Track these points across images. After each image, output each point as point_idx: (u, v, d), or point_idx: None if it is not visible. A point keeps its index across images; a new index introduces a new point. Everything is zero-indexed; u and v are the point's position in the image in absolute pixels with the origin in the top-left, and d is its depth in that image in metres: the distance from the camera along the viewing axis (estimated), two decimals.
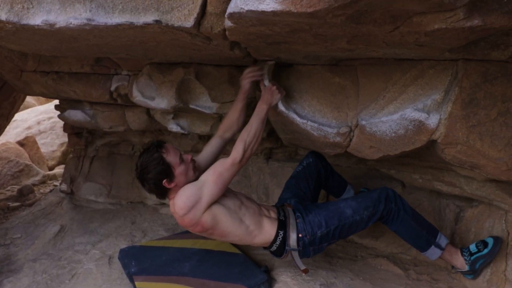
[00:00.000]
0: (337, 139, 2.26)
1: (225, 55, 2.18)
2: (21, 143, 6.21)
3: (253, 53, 2.14)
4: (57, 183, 5.42)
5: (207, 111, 2.68)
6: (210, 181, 2.11)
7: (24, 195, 4.87)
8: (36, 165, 5.77)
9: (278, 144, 3.36)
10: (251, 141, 2.12)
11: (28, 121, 7.39)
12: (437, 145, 2.02)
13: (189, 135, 3.62)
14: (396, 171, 2.81)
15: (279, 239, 2.25)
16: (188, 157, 2.23)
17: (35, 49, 2.29)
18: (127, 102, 3.19)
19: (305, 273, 2.33)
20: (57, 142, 6.96)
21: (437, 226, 2.49)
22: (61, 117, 3.74)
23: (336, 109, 2.29)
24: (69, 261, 3.04)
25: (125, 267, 2.72)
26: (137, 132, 3.85)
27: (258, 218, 2.26)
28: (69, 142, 4.44)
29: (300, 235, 2.24)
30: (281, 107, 2.34)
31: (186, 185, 2.15)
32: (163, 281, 2.52)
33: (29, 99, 8.47)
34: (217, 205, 2.14)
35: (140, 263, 2.72)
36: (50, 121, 7.30)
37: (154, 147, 2.17)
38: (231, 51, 2.02)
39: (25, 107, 8.16)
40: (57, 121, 7.11)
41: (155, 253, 2.85)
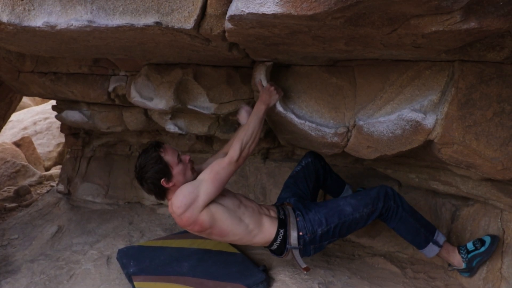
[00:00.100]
0: (335, 139, 2.27)
1: (223, 56, 2.19)
2: (17, 144, 6.19)
3: (251, 54, 2.15)
4: (53, 184, 5.41)
5: (205, 112, 2.68)
6: (207, 180, 2.12)
7: (20, 195, 4.86)
8: (32, 166, 5.75)
9: (275, 144, 3.38)
10: (248, 140, 2.14)
11: (24, 122, 7.35)
12: (433, 145, 2.04)
13: (186, 136, 3.63)
14: (392, 171, 2.83)
15: (280, 237, 2.25)
16: (186, 157, 2.25)
17: (33, 50, 2.29)
18: (125, 102, 3.19)
19: (306, 271, 2.33)
20: (53, 142, 6.93)
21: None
22: (58, 117, 3.73)
23: (333, 109, 2.30)
24: (67, 261, 3.04)
25: (124, 267, 2.73)
26: (134, 132, 3.85)
27: (257, 217, 2.26)
28: (66, 142, 4.43)
29: (300, 233, 2.24)
30: (279, 108, 2.35)
31: (183, 185, 2.16)
32: (162, 281, 2.52)
33: (25, 99, 8.41)
34: (215, 204, 2.15)
35: (138, 263, 2.72)
36: (46, 122, 7.26)
37: (152, 147, 2.19)
38: (229, 52, 2.03)
39: (21, 107, 8.12)
40: (53, 121, 7.09)
41: (154, 253, 2.86)
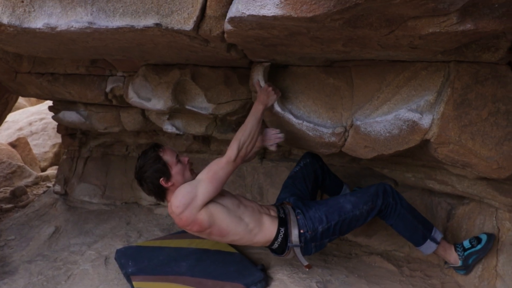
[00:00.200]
0: (332, 139, 2.29)
1: (222, 57, 2.20)
2: (13, 145, 6.15)
3: (249, 54, 2.17)
4: (50, 184, 5.38)
5: (203, 112, 2.69)
6: (205, 179, 2.14)
7: (17, 196, 4.84)
8: (28, 167, 5.73)
9: None
10: (245, 140, 2.15)
11: (19, 122, 7.30)
12: (430, 144, 2.06)
13: (183, 136, 3.64)
14: (389, 170, 2.85)
15: (281, 236, 2.26)
16: (185, 158, 2.28)
17: (32, 51, 2.29)
18: (122, 103, 3.20)
19: (309, 269, 2.34)
20: (49, 143, 6.90)
21: None
22: (55, 118, 3.73)
23: (331, 109, 2.32)
24: (64, 262, 3.04)
25: (122, 267, 2.73)
26: (131, 133, 3.85)
27: (257, 216, 2.27)
28: (63, 143, 4.42)
29: (301, 231, 2.25)
30: (277, 108, 2.37)
31: (182, 185, 2.18)
32: (161, 281, 2.53)
33: (20, 100, 8.37)
34: (214, 203, 2.16)
35: (137, 263, 2.72)
36: (41, 122, 7.23)
37: (151, 148, 2.24)
38: (227, 53, 2.04)
39: (16, 108, 8.07)
40: (48, 122, 7.06)
41: (152, 253, 2.86)
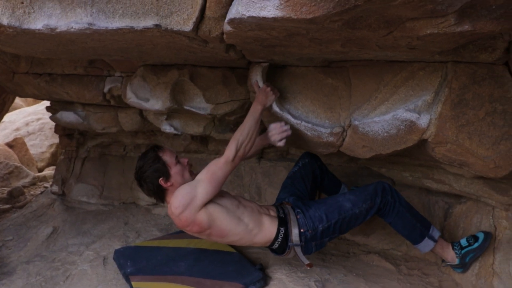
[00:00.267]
0: (331, 139, 2.30)
1: (220, 57, 2.20)
2: (9, 145, 6.14)
3: (248, 55, 2.17)
4: (47, 185, 5.38)
5: (202, 112, 2.70)
6: (204, 180, 2.14)
7: (14, 197, 4.83)
8: (25, 167, 5.72)
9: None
10: (243, 140, 2.15)
11: (16, 123, 7.29)
12: (427, 144, 2.08)
13: (181, 136, 3.64)
14: (386, 169, 2.86)
15: (281, 235, 2.27)
16: (184, 160, 2.31)
17: (30, 52, 2.29)
18: (120, 103, 3.20)
19: (310, 267, 2.34)
20: (46, 143, 6.89)
21: None
22: (53, 118, 3.72)
23: (329, 109, 2.33)
24: (63, 262, 3.03)
25: (121, 267, 2.73)
26: (129, 133, 3.85)
27: (257, 216, 2.28)
28: (60, 143, 4.41)
29: (302, 230, 2.26)
30: (275, 108, 2.37)
31: (181, 186, 2.19)
32: (159, 281, 2.53)
33: (17, 100, 8.33)
34: (213, 204, 2.17)
35: (136, 263, 2.72)
36: (38, 123, 7.21)
37: (151, 149, 2.26)
38: (226, 54, 2.05)
39: (13, 108, 8.04)
40: (45, 122, 7.05)
41: (150, 253, 2.86)
